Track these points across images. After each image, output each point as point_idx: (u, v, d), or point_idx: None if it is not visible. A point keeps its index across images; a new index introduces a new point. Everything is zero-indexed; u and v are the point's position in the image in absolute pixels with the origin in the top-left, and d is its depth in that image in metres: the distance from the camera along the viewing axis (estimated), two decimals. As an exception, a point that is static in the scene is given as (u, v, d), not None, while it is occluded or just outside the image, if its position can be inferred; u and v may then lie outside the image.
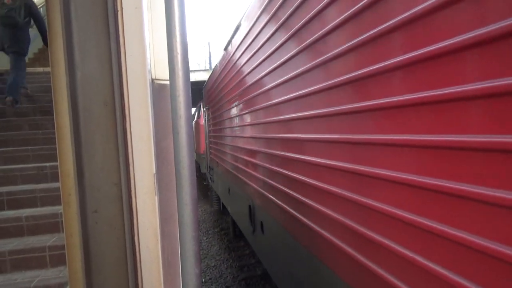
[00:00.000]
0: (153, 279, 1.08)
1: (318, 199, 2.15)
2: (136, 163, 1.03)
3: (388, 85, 1.38)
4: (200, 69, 20.57)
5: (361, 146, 1.62)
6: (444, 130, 1.13)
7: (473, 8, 1.02)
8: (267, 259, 3.70)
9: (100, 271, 1.07)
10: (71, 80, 0.99)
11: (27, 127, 6.41)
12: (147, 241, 1.09)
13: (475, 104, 1.03)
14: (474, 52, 1.02)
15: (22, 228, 4.11)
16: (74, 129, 1.00)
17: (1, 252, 3.70)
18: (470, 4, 1.03)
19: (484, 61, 1.00)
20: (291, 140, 2.59)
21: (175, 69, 1.05)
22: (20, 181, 4.91)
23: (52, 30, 0.99)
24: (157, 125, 1.14)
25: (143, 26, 1.01)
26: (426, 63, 1.17)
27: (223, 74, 5.88)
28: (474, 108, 1.04)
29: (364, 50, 1.52)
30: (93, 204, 1.04)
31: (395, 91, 1.35)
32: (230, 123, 5.71)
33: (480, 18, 1.00)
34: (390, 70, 1.35)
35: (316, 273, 2.26)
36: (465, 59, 1.05)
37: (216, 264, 8.64)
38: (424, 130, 1.22)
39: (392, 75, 1.35)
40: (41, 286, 3.39)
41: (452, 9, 1.08)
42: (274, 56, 2.80)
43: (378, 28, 1.39)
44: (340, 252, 1.88)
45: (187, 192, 1.12)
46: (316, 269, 2.26)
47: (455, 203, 1.12)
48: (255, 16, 3.33)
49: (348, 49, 1.64)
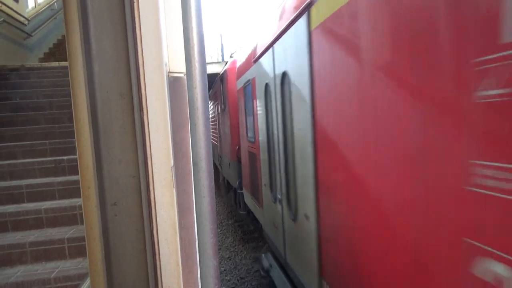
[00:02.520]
0: (172, 271, 1.09)
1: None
2: (154, 156, 1.03)
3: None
4: (213, 61, 20.54)
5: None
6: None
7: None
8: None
9: (120, 263, 1.08)
10: (88, 73, 0.99)
11: (44, 121, 6.52)
12: (165, 233, 1.09)
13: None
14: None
15: (42, 220, 4.21)
16: (92, 122, 1.00)
17: (22, 243, 3.80)
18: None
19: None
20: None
21: (192, 61, 1.04)
22: (38, 174, 5.01)
23: (69, 23, 0.99)
24: (172, 118, 1.13)
25: (159, 17, 1.00)
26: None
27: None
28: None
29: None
30: (112, 196, 1.05)
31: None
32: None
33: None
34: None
35: None
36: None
37: (231, 256, 8.71)
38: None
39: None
40: (61, 277, 3.47)
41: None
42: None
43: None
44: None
45: (204, 184, 1.12)
46: None
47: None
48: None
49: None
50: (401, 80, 1.78)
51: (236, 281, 7.30)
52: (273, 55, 4.15)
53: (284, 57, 3.67)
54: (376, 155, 2.01)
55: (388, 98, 1.87)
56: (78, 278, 3.44)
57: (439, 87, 1.50)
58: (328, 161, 2.75)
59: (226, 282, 7.23)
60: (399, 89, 1.79)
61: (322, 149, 2.84)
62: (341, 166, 2.50)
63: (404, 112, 1.73)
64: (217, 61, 20.46)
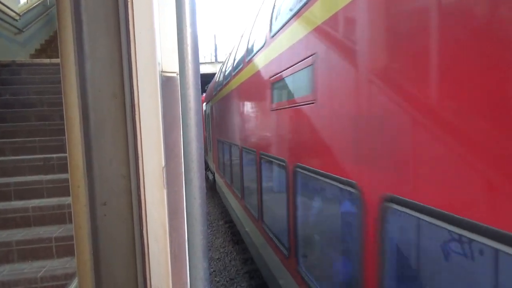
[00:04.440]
0: (162, 272, 1.08)
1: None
2: (145, 156, 1.02)
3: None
4: (206, 61, 20.48)
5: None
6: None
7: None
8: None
9: (109, 263, 1.07)
10: (80, 71, 0.98)
11: (34, 118, 6.43)
12: (155, 234, 1.08)
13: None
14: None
15: (29, 218, 4.15)
16: (83, 121, 0.99)
17: (9, 242, 3.75)
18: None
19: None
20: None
21: (185, 61, 1.04)
22: (27, 172, 4.95)
23: (61, 20, 0.98)
24: (164, 118, 1.13)
25: (153, 16, 1.00)
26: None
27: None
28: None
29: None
30: (102, 196, 1.03)
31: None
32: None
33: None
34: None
35: None
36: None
37: (220, 257, 8.68)
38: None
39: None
40: (48, 277, 3.42)
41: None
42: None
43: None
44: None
45: (196, 186, 1.12)
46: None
47: None
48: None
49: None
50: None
51: (226, 282, 7.28)
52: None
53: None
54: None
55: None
56: (65, 278, 3.40)
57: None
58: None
59: (216, 284, 7.21)
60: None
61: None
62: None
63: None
64: (210, 61, 20.42)
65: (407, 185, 1.80)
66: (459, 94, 1.48)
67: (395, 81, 1.90)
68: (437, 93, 1.62)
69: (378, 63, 2.11)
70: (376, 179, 2.08)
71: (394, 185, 1.88)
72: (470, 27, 1.43)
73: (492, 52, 1.33)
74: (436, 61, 1.63)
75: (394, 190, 1.88)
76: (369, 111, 2.19)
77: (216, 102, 11.57)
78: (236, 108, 7.60)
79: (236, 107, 7.53)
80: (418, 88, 1.72)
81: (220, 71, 11.80)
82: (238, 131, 7.45)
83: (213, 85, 13.02)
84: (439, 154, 1.56)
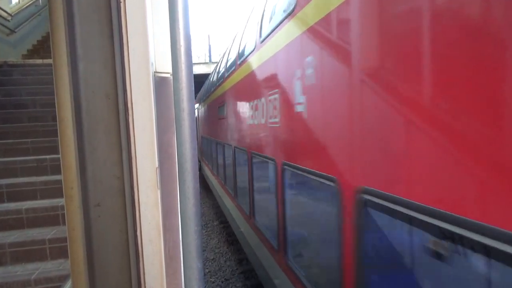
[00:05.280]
0: (156, 273, 1.08)
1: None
2: (138, 157, 1.02)
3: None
4: (200, 62, 20.44)
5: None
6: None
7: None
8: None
9: (103, 264, 1.07)
10: (73, 72, 0.97)
11: (27, 119, 6.38)
12: (149, 234, 1.08)
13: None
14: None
15: (22, 220, 4.11)
16: (76, 122, 0.99)
17: (2, 244, 3.71)
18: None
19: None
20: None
21: (178, 62, 1.04)
22: (20, 174, 4.90)
23: (54, 21, 0.98)
24: (158, 119, 1.13)
25: (146, 17, 1.00)
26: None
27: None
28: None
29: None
30: (95, 197, 1.03)
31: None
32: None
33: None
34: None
35: None
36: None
37: (215, 257, 8.66)
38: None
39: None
40: (41, 279, 3.40)
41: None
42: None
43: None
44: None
45: (189, 186, 1.12)
46: None
47: None
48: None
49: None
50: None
51: (221, 282, 7.27)
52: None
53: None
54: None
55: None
56: (59, 280, 3.38)
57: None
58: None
59: (211, 284, 7.20)
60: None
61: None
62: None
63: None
64: (204, 62, 20.38)
65: (378, 178, 2.02)
66: (425, 89, 1.58)
67: (364, 83, 2.06)
68: (404, 90, 1.72)
69: (340, 72, 2.43)
70: (351, 174, 2.35)
71: (366, 178, 2.11)
72: (450, 28, 1.46)
73: (471, 53, 1.35)
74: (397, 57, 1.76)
75: (366, 183, 2.11)
76: (341, 114, 2.47)
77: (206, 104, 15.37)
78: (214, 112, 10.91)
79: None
80: (386, 88, 1.84)
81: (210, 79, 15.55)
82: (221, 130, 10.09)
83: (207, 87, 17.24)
84: (403, 148, 1.70)
